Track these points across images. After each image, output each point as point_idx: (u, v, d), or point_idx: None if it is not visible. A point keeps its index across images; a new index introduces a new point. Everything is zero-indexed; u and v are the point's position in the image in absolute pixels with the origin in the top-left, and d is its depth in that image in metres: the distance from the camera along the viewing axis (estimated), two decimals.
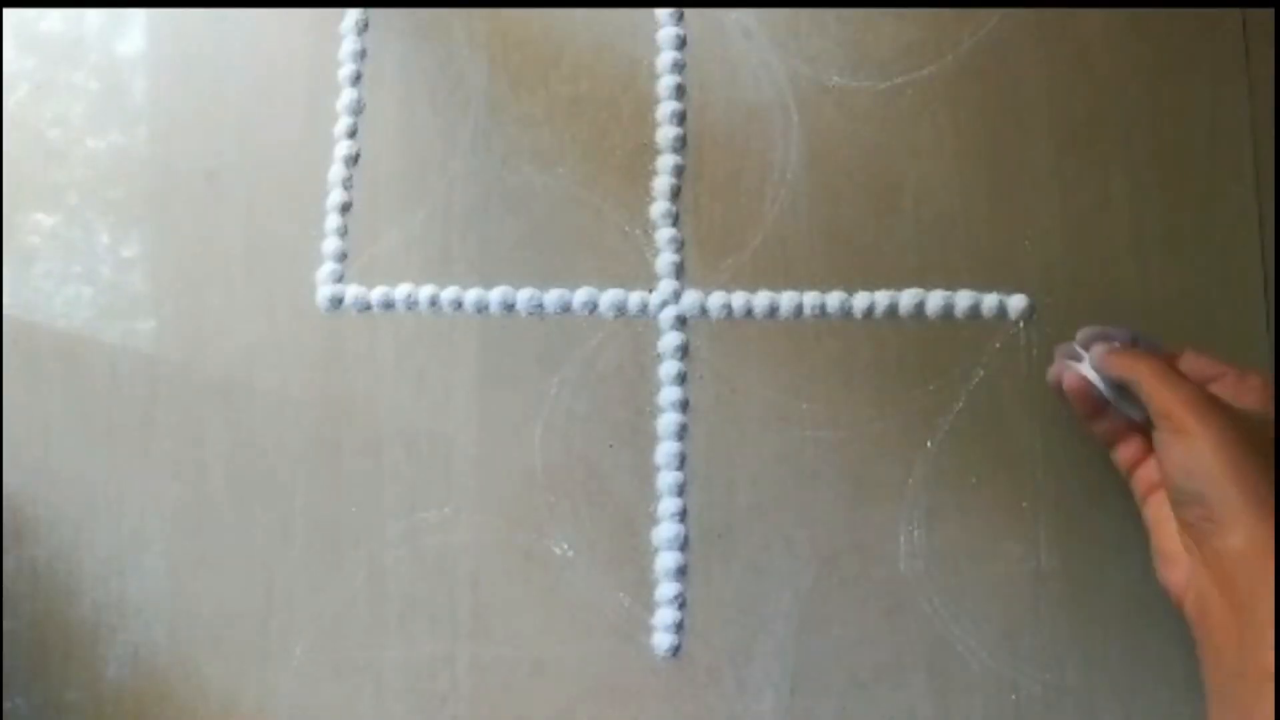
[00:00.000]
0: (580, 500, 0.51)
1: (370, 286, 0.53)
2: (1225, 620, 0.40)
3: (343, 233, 0.54)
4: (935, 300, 0.51)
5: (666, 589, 0.50)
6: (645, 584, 0.50)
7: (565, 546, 0.50)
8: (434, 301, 0.53)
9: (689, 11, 0.55)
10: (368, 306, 0.53)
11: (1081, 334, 0.48)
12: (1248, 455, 0.41)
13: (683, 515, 0.50)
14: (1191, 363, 0.46)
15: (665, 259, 0.53)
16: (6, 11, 0.57)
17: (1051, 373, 0.49)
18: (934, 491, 0.50)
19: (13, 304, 0.54)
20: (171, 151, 0.55)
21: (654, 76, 0.54)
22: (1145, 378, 0.45)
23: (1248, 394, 0.44)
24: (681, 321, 0.52)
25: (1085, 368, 0.47)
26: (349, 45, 0.56)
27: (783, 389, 0.51)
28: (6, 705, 0.50)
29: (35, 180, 0.55)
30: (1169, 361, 0.46)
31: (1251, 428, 0.42)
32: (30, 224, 0.55)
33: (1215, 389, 0.45)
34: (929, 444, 0.50)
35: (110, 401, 0.53)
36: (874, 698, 0.48)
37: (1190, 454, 0.42)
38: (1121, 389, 0.46)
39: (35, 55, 0.57)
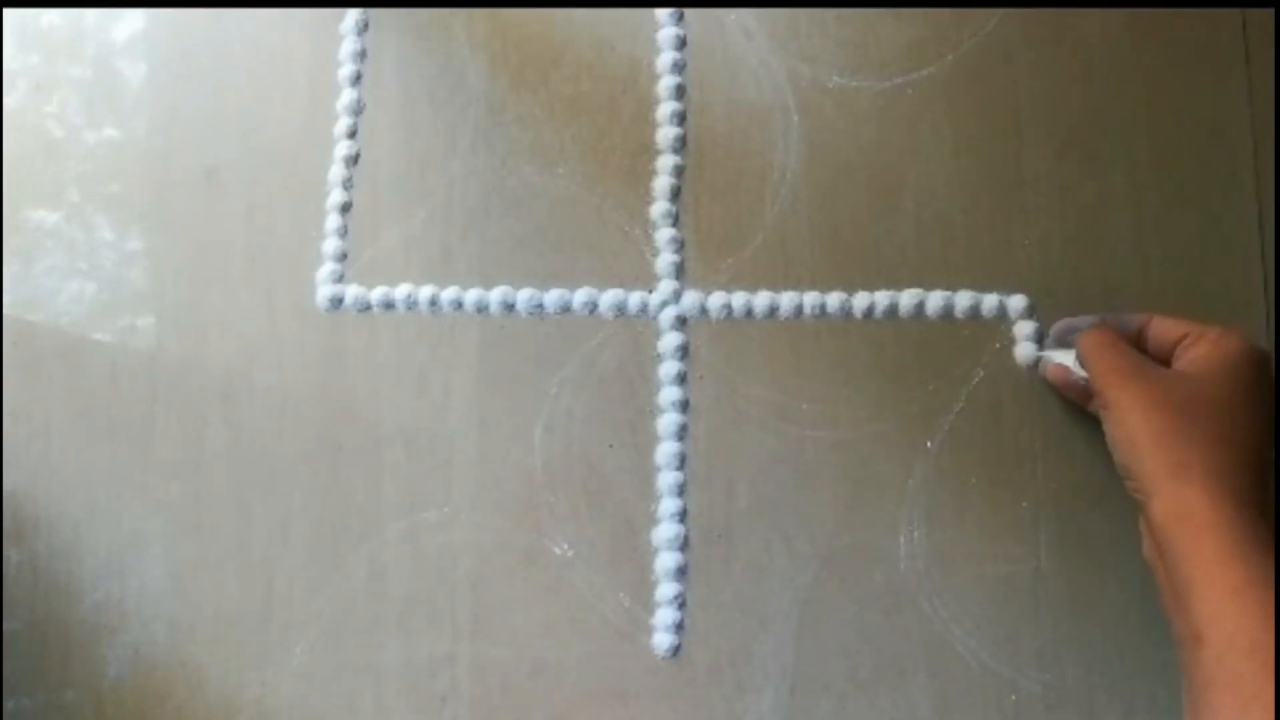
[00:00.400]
0: (580, 500, 0.51)
1: (370, 286, 0.53)
2: (1164, 587, 0.41)
3: (343, 233, 0.54)
4: (935, 300, 0.51)
5: (666, 589, 0.50)
6: (645, 584, 0.50)
7: (565, 546, 0.50)
8: (434, 301, 0.53)
9: (689, 12, 0.55)
10: (368, 306, 0.53)
11: (1054, 328, 0.50)
12: (1165, 420, 0.41)
13: (683, 515, 0.50)
14: (1158, 327, 0.46)
15: (665, 259, 0.53)
16: (6, 10, 0.57)
17: (1040, 367, 0.50)
18: (934, 492, 0.50)
19: (14, 302, 0.54)
20: (171, 149, 0.55)
21: (654, 77, 0.54)
22: (1085, 354, 0.46)
23: (1198, 350, 0.44)
24: (681, 322, 0.52)
25: (1060, 355, 0.49)
26: (349, 45, 0.56)
27: (783, 389, 0.51)
28: (7, 705, 0.50)
29: (36, 177, 0.55)
30: (1114, 331, 0.46)
31: (1177, 390, 0.42)
32: (32, 221, 0.55)
33: (1178, 351, 0.45)
34: (929, 444, 0.50)
35: (110, 401, 0.53)
36: (874, 698, 0.48)
37: (1115, 426, 0.43)
38: None
39: (35, 52, 0.57)
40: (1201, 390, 0.42)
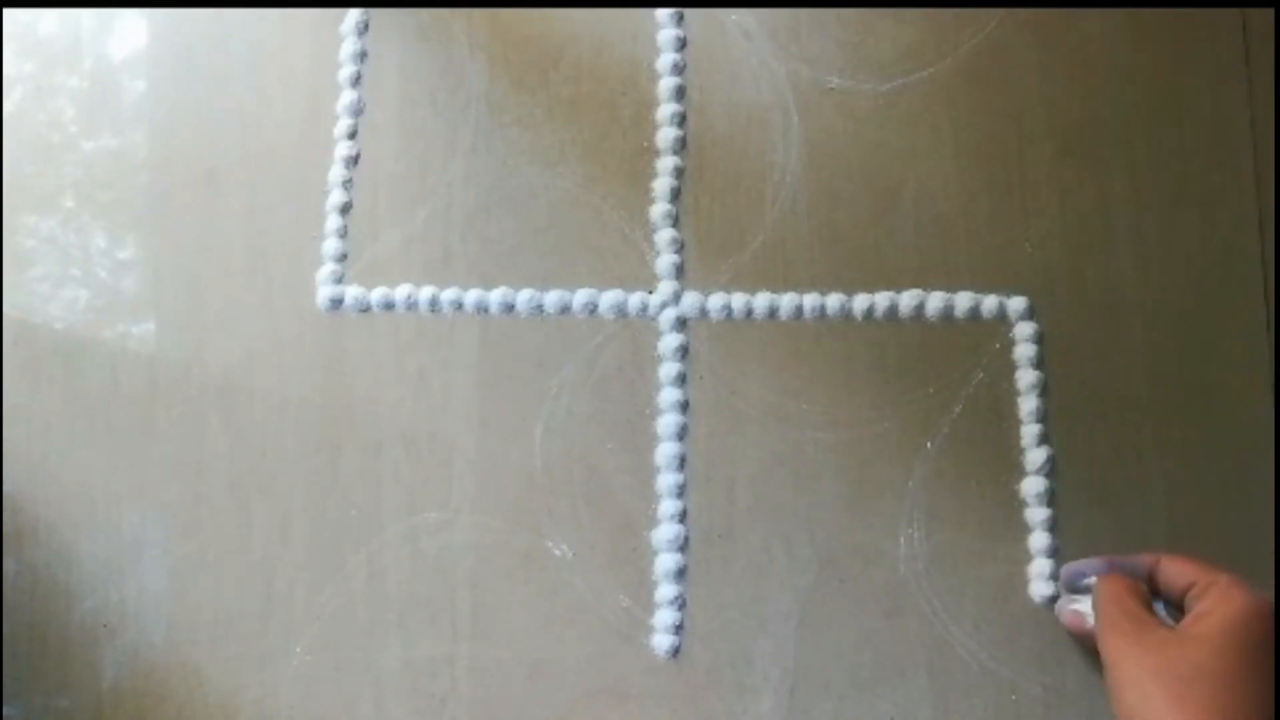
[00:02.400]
0: (580, 501, 0.51)
1: (370, 287, 0.53)
2: None
3: (343, 234, 0.54)
4: (935, 301, 0.51)
5: (666, 590, 0.49)
6: (645, 585, 0.50)
7: (565, 547, 0.50)
8: (434, 302, 0.53)
9: (689, 13, 0.55)
10: (368, 307, 0.53)
11: (1063, 571, 0.48)
12: (1159, 694, 0.39)
13: (682, 516, 0.50)
14: (1166, 571, 0.44)
15: (665, 260, 0.53)
16: (5, 12, 0.57)
17: (1057, 610, 0.48)
18: (934, 493, 0.50)
19: (10, 307, 0.54)
20: (171, 152, 0.55)
21: (654, 78, 0.55)
22: (1096, 605, 0.44)
23: (1204, 606, 0.41)
24: (681, 323, 0.52)
25: (1076, 603, 0.47)
26: (349, 46, 0.56)
27: (783, 390, 0.51)
28: (6, 709, 0.50)
29: (31, 183, 0.55)
30: (1127, 581, 0.44)
31: (1177, 660, 0.39)
32: (27, 227, 0.55)
33: (1187, 601, 0.43)
34: (929, 445, 0.50)
35: (110, 402, 0.53)
36: (874, 698, 0.48)
37: (1111, 687, 0.41)
38: None
39: (31, 58, 0.57)
40: (1203, 661, 0.39)
